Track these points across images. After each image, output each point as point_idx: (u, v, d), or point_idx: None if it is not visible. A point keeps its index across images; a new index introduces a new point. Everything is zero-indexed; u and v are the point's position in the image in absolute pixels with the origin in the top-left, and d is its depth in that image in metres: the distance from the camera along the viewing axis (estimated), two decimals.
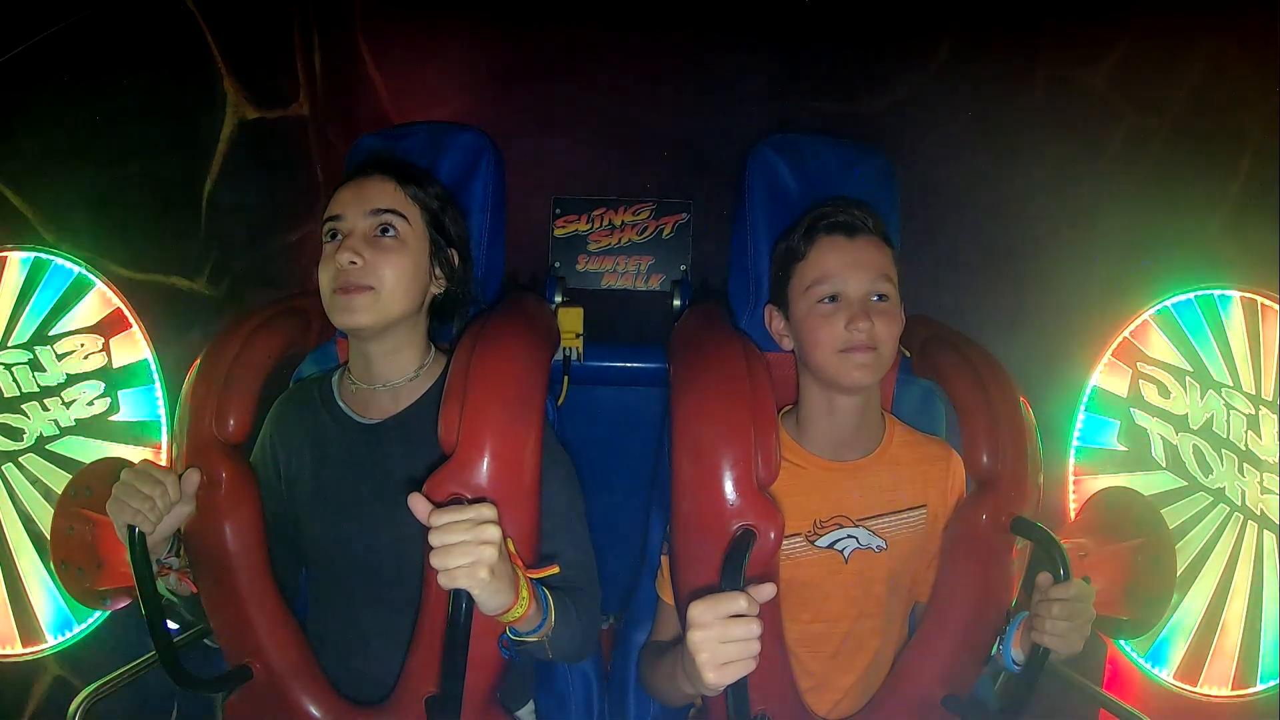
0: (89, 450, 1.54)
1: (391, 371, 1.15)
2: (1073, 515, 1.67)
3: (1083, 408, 1.73)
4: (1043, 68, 2.03)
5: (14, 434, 1.51)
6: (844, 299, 1.10)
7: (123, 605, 1.48)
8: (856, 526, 1.14)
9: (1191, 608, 1.58)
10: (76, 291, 1.52)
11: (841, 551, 1.13)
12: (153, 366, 1.56)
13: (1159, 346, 1.65)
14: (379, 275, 1.07)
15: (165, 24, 1.59)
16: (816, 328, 1.10)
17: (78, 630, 1.53)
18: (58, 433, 1.53)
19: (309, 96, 2.01)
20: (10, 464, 1.51)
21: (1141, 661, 1.62)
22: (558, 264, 1.82)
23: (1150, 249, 1.77)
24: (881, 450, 1.18)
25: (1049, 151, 2.02)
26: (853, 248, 1.12)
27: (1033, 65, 2.03)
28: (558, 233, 1.83)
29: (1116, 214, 1.90)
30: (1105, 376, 1.72)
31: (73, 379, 1.53)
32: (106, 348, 1.54)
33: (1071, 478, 1.73)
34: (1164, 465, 1.63)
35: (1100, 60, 1.94)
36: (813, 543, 1.13)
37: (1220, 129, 1.72)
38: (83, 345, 1.53)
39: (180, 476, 1.04)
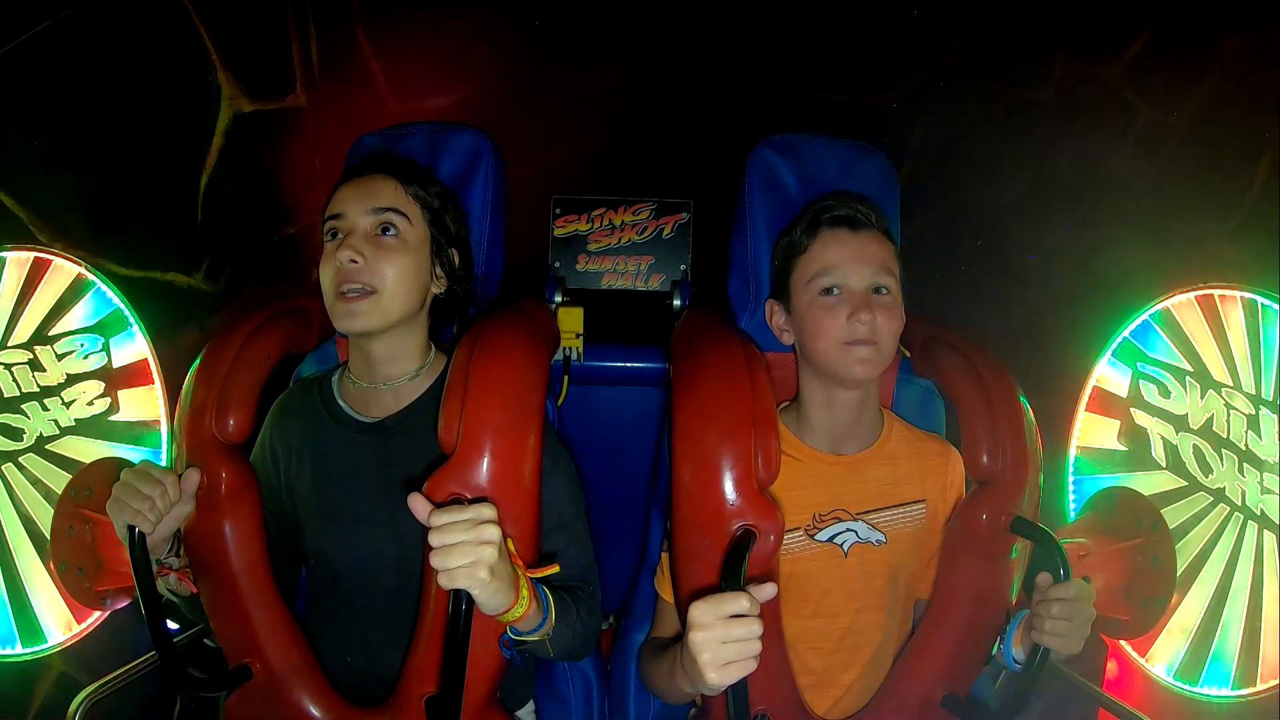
0: (89, 450, 1.54)
1: (393, 371, 1.15)
2: (1073, 515, 1.67)
3: (1082, 408, 1.73)
4: (1059, 61, 1.99)
5: (14, 434, 1.51)
6: (846, 291, 1.10)
7: (123, 605, 1.48)
8: (856, 520, 1.14)
9: (1191, 608, 1.58)
10: (76, 291, 1.52)
11: (841, 545, 1.13)
12: (152, 365, 1.56)
13: (1159, 346, 1.65)
14: (380, 274, 1.07)
15: (156, 17, 1.58)
16: (819, 320, 1.11)
17: (78, 630, 1.53)
18: (58, 433, 1.53)
19: (306, 88, 2.00)
20: (10, 464, 1.51)
21: (1141, 661, 1.62)
22: (558, 264, 1.81)
23: (1161, 248, 1.75)
24: (880, 444, 1.18)
25: (1062, 147, 2.00)
26: (855, 240, 1.12)
27: (1049, 59, 2.00)
28: (557, 233, 1.81)
29: (1128, 212, 1.88)
30: (1105, 377, 1.72)
31: (73, 379, 1.53)
32: (106, 348, 1.54)
33: (1071, 478, 1.73)
34: (1164, 465, 1.63)
35: (1119, 55, 1.91)
36: (812, 537, 1.13)
37: (1238, 130, 1.70)
38: (83, 345, 1.53)
39: (180, 476, 1.04)
